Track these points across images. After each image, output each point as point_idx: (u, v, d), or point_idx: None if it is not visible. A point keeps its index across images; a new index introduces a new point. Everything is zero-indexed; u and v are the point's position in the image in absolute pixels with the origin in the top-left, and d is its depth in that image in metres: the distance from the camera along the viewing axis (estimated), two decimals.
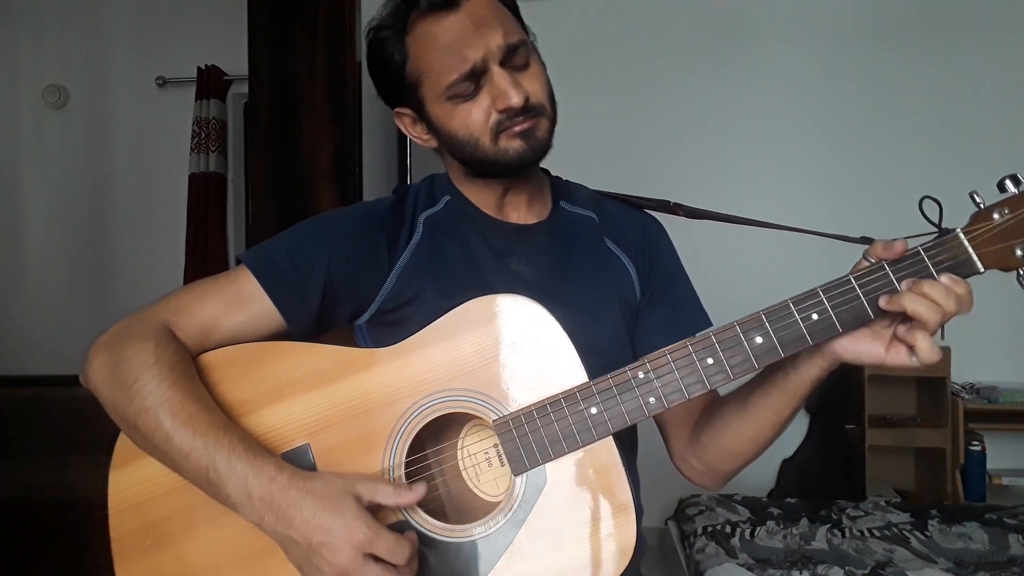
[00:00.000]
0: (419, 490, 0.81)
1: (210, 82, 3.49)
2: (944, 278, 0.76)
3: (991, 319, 3.03)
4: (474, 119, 0.92)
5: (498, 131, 0.92)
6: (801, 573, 2.25)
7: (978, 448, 3.18)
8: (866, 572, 2.25)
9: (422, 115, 0.97)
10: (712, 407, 0.99)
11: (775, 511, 2.73)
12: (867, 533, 2.56)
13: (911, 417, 3.31)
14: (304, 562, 0.79)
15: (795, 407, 0.90)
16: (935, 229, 0.80)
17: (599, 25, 3.52)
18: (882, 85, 3.41)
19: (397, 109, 1.00)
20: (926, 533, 2.55)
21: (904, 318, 0.78)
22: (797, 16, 3.47)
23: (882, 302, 0.78)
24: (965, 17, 3.38)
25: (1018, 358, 3.29)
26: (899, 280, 0.78)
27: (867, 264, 0.80)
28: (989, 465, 3.19)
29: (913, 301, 0.76)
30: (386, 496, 0.80)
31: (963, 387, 3.26)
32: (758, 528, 2.60)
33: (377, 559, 0.78)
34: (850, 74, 3.43)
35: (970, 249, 0.78)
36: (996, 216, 0.77)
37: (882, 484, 3.22)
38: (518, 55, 0.92)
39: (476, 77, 0.90)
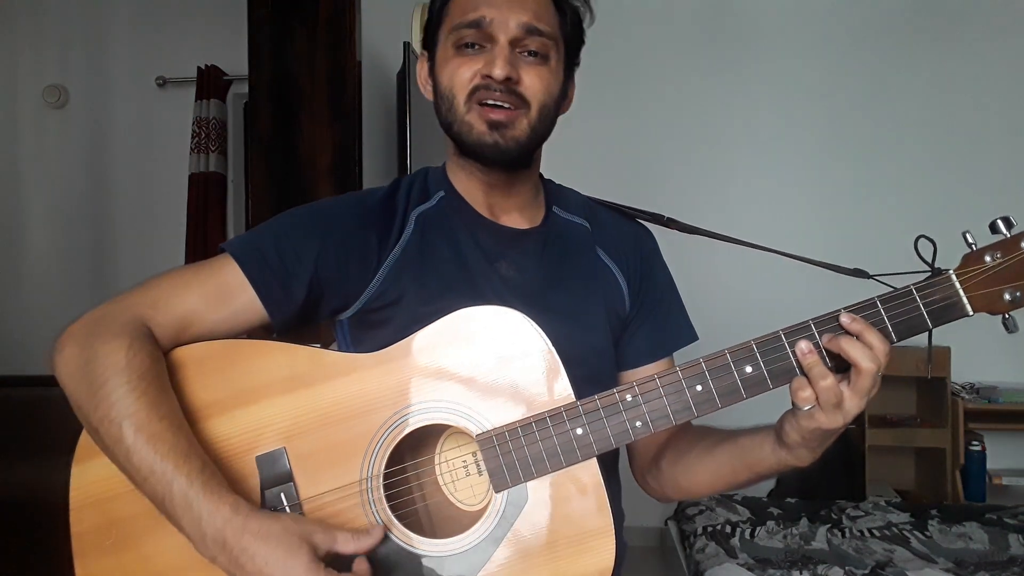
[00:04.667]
0: (376, 534, 0.80)
1: (210, 82, 3.49)
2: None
3: (991, 319, 3.02)
4: (460, 74, 0.91)
5: (473, 98, 0.91)
6: (801, 573, 2.25)
7: (978, 448, 3.19)
8: (866, 572, 2.25)
9: (432, 56, 0.97)
10: (679, 439, 0.98)
11: (775, 511, 2.73)
12: (867, 533, 2.56)
13: (911, 417, 3.31)
14: None
15: (748, 478, 0.90)
16: (927, 268, 0.81)
17: (597, 28, 3.51)
18: (885, 96, 3.41)
19: (423, 51, 1.01)
20: (926, 533, 2.55)
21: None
22: (798, 23, 3.46)
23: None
24: (969, 24, 3.37)
25: (1018, 358, 3.29)
26: (889, 319, 0.79)
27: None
28: (989, 465, 3.20)
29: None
30: (344, 544, 0.79)
31: (963, 387, 3.26)
32: (758, 528, 2.60)
33: None
34: (852, 85, 3.43)
35: (961, 291, 0.79)
36: (988, 259, 0.78)
37: (882, 484, 3.22)
38: (535, 42, 0.91)
39: (484, 38, 0.90)
